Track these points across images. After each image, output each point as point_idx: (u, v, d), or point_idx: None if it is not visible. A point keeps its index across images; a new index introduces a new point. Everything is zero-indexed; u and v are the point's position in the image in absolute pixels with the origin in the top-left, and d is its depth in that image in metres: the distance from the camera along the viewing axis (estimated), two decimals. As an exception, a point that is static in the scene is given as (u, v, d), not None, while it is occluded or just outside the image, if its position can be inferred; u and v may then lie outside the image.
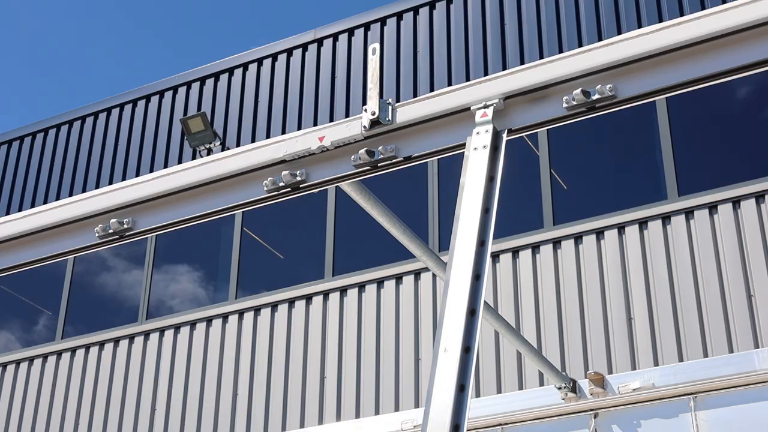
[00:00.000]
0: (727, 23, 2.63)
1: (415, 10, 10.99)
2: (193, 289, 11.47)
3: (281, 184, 3.15)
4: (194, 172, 3.31)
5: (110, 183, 12.09)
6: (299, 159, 3.15)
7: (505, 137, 2.88)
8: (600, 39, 9.73)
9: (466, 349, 2.53)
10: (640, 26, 9.51)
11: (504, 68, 10.03)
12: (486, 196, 2.77)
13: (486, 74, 9.90)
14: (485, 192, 2.77)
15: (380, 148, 3.03)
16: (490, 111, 2.91)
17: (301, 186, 3.13)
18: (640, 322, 8.40)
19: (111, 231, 3.39)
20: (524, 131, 2.92)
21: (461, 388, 2.46)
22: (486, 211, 2.75)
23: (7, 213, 12.63)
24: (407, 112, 3.02)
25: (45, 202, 12.43)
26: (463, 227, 2.75)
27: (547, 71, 2.82)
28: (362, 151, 3.03)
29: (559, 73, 2.80)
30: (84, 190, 12.23)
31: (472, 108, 2.93)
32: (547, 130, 9.09)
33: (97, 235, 3.42)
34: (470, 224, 2.74)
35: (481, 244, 2.72)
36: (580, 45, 9.79)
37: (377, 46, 3.07)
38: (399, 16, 11.07)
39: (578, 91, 2.76)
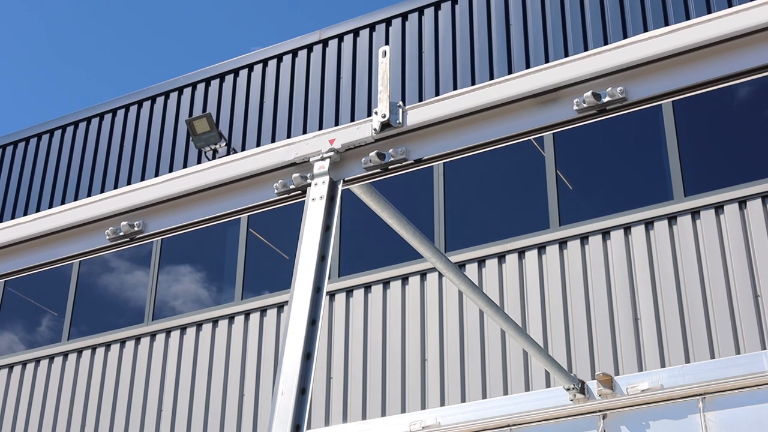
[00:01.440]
0: (736, 26, 2.64)
1: (420, 10, 10.99)
2: (198, 289, 11.49)
3: (291, 186, 3.16)
4: (205, 174, 3.32)
5: (115, 184, 12.10)
6: (310, 161, 3.16)
7: (340, 187, 3.08)
8: (605, 40, 9.73)
9: (302, 390, 2.73)
10: (645, 29, 9.51)
11: (510, 71, 10.02)
12: (322, 244, 2.98)
13: (492, 77, 9.91)
14: (321, 241, 2.98)
15: (391, 150, 3.04)
16: (326, 163, 3.09)
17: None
18: (646, 322, 8.40)
19: (122, 234, 3.40)
20: (359, 181, 3.11)
21: (297, 428, 2.68)
22: (322, 258, 2.96)
23: (13, 216, 12.64)
24: (417, 114, 3.03)
25: (50, 204, 12.45)
26: (301, 275, 2.93)
27: (557, 74, 2.83)
28: (373, 153, 3.04)
29: (570, 75, 2.81)
30: (89, 191, 12.24)
31: (310, 159, 3.13)
32: (553, 134, 9.09)
33: (107, 237, 3.43)
34: (307, 272, 2.93)
35: (317, 290, 2.91)
36: (586, 46, 9.79)
37: (388, 49, 3.08)
38: (404, 16, 11.07)
39: (589, 93, 2.76)
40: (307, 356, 2.78)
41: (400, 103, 3.05)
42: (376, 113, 3.05)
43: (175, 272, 11.57)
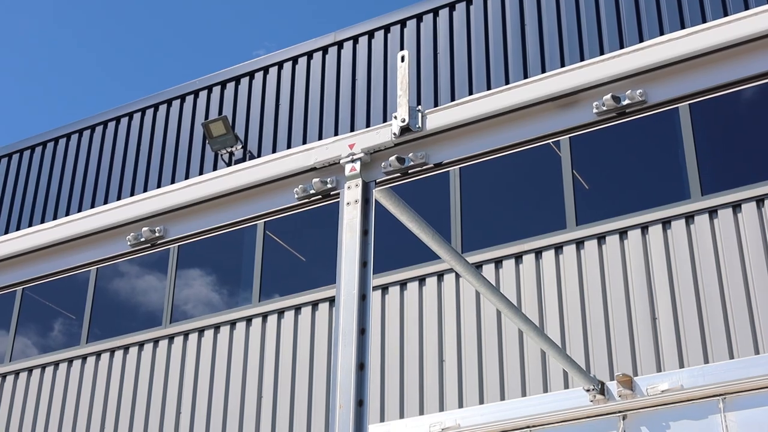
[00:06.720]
0: (755, 28, 2.64)
1: (435, 11, 10.99)
2: (216, 292, 11.52)
3: (312, 191, 3.17)
4: (225, 180, 3.33)
5: (132, 187, 12.15)
6: (330, 166, 3.17)
7: (374, 189, 3.05)
8: (621, 42, 9.71)
9: (360, 402, 2.71)
10: (661, 32, 9.49)
11: (525, 72, 10.01)
12: (362, 250, 2.95)
13: (507, 78, 9.90)
14: (361, 247, 2.95)
15: (410, 155, 3.05)
16: (357, 165, 3.06)
17: (331, 193, 3.15)
18: (664, 321, 8.38)
19: (143, 239, 3.42)
20: (392, 182, 3.08)
21: None
22: (364, 265, 2.93)
23: (31, 221, 12.70)
24: (437, 119, 3.04)
25: (68, 208, 12.50)
26: (345, 284, 2.91)
27: (577, 77, 2.83)
28: (393, 158, 3.05)
29: (590, 78, 2.81)
30: (106, 195, 12.29)
31: (341, 162, 3.09)
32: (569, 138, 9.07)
33: (129, 243, 3.45)
34: (350, 280, 2.90)
35: (363, 298, 2.88)
36: (601, 48, 9.78)
37: (406, 53, 3.09)
38: (419, 18, 11.08)
39: (608, 96, 2.77)
40: (361, 367, 2.77)
41: (420, 107, 3.06)
42: (395, 118, 3.06)
43: (192, 275, 11.61)
